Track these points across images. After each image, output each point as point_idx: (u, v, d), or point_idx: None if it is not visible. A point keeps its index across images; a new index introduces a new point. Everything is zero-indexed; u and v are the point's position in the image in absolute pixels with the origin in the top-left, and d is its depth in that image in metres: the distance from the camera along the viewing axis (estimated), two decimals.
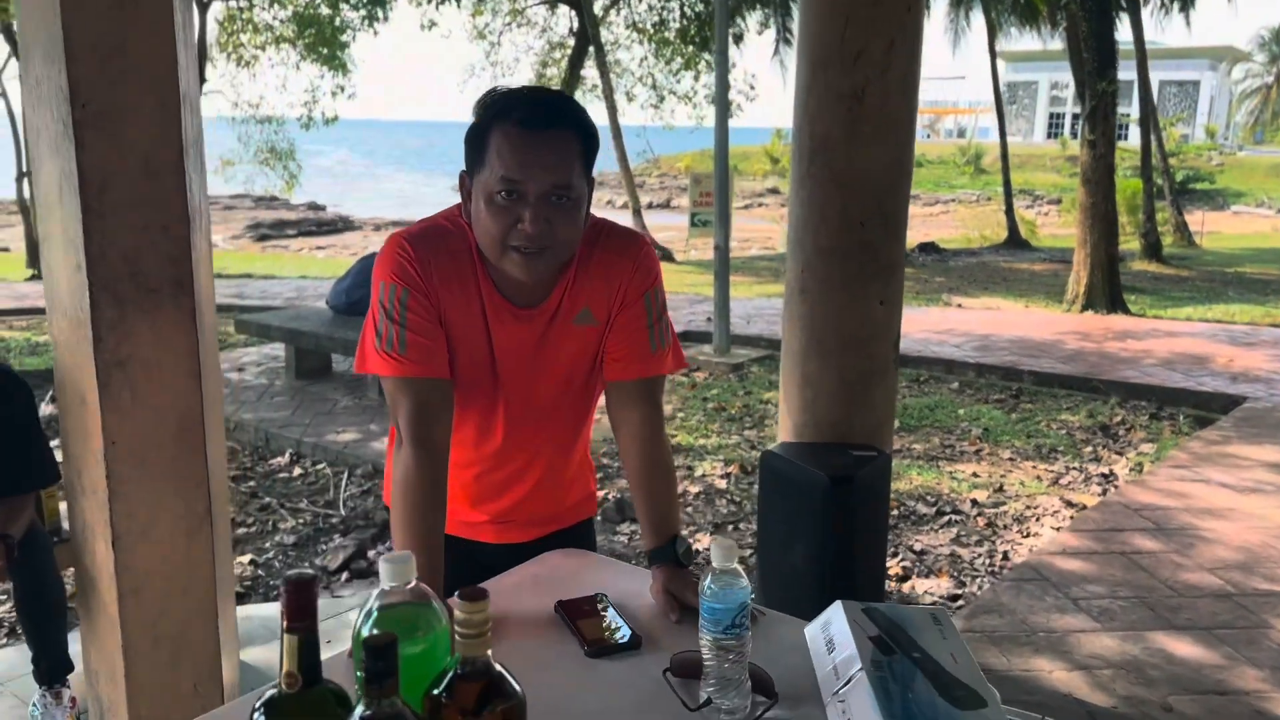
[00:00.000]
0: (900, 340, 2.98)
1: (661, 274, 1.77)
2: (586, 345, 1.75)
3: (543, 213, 1.52)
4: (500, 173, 1.52)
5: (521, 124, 1.51)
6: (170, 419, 2.21)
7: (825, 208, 2.85)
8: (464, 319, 1.67)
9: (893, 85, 2.79)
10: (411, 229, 1.67)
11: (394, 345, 1.61)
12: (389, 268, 1.63)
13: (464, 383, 1.73)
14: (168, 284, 2.16)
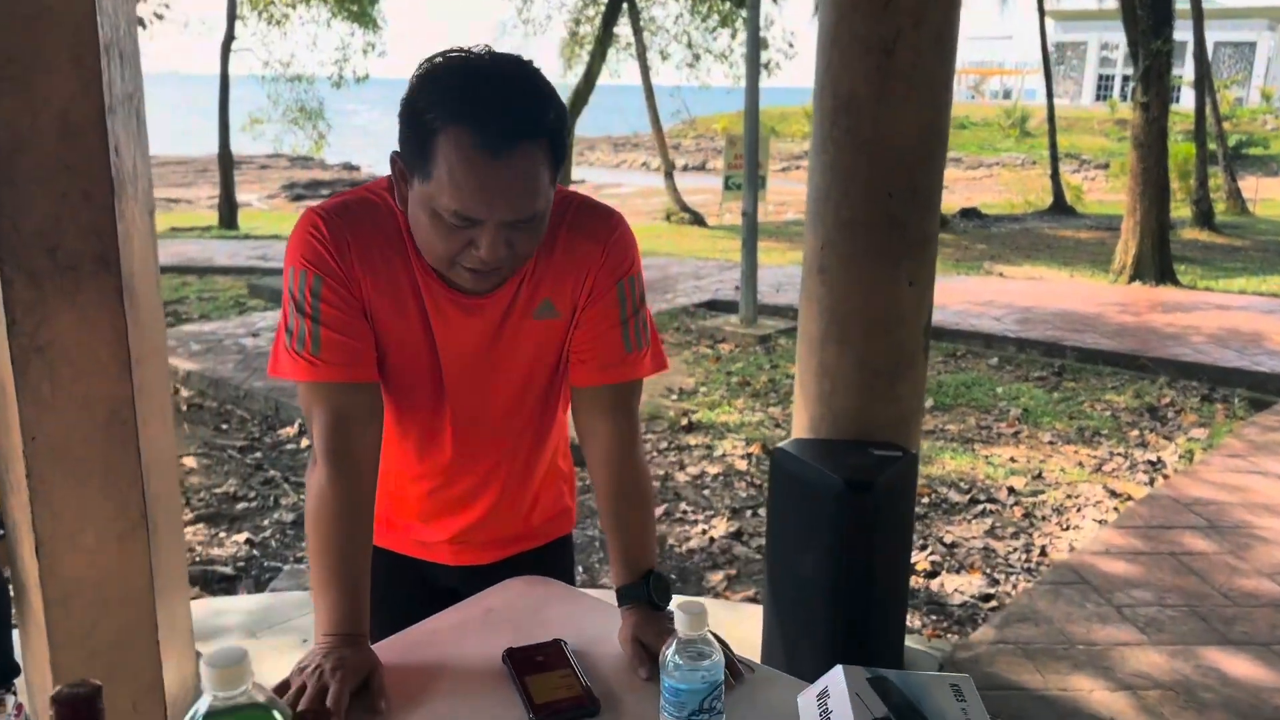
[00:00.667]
0: (931, 326, 2.67)
1: (639, 259, 1.49)
2: (549, 343, 1.48)
3: (502, 238, 1.25)
4: (453, 205, 1.23)
5: (480, 146, 1.20)
6: (98, 411, 1.97)
7: (849, 176, 2.54)
8: (396, 311, 1.39)
9: (927, 38, 2.46)
10: (327, 203, 1.38)
11: (305, 344, 1.35)
12: (298, 250, 1.35)
13: (401, 386, 1.46)
14: (89, 260, 1.90)
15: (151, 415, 2.12)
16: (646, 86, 16.95)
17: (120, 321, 1.94)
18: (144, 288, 2.09)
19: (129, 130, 2.02)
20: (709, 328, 8.33)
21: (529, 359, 1.47)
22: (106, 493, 2.00)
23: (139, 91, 2.12)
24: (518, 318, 1.43)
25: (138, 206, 2.07)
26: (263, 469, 5.32)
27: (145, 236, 2.12)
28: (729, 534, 4.40)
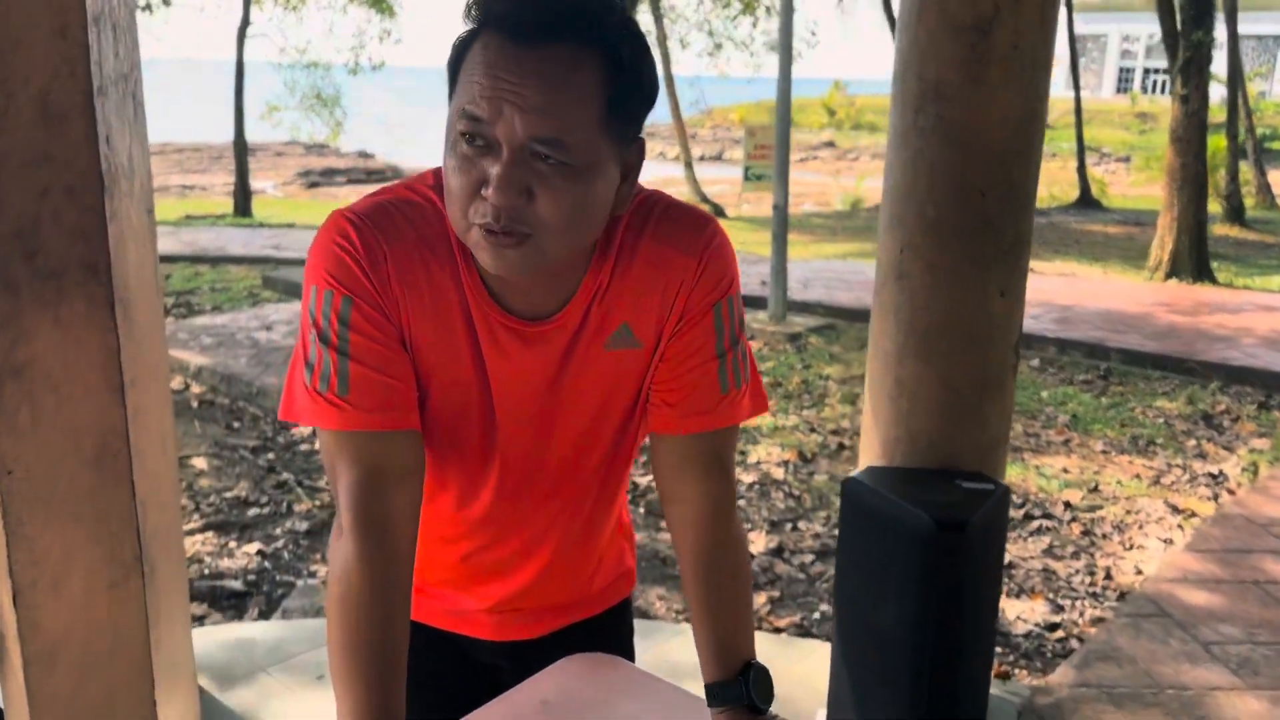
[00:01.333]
0: (1021, 340, 2.38)
1: (738, 274, 1.21)
2: (625, 379, 1.20)
3: (517, 176, 0.97)
4: (461, 101, 0.98)
5: (504, 28, 0.97)
6: (85, 442, 1.70)
7: (936, 172, 2.25)
8: (441, 340, 1.12)
9: (1028, 15, 2.18)
10: (358, 204, 1.11)
11: (330, 383, 1.07)
12: (322, 263, 1.08)
13: (442, 431, 1.19)
14: (75, 266, 1.63)
15: (149, 444, 1.85)
16: (667, 75, 16.62)
17: (111, 338, 1.67)
18: (141, 298, 1.82)
19: (123, 116, 1.75)
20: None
21: (599, 398, 1.20)
22: (95, 535, 1.74)
23: (136, 71, 1.84)
24: (587, 347, 1.16)
25: (134, 204, 1.80)
26: (275, 471, 5.07)
27: (143, 239, 1.85)
28: (769, 550, 4.12)
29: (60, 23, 1.55)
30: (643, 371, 1.19)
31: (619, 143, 1.03)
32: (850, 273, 10.38)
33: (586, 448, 1.23)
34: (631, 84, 1.02)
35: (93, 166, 1.61)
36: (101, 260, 1.64)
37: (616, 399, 1.21)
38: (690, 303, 1.16)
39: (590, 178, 1.01)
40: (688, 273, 1.15)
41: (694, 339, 1.17)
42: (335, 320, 1.07)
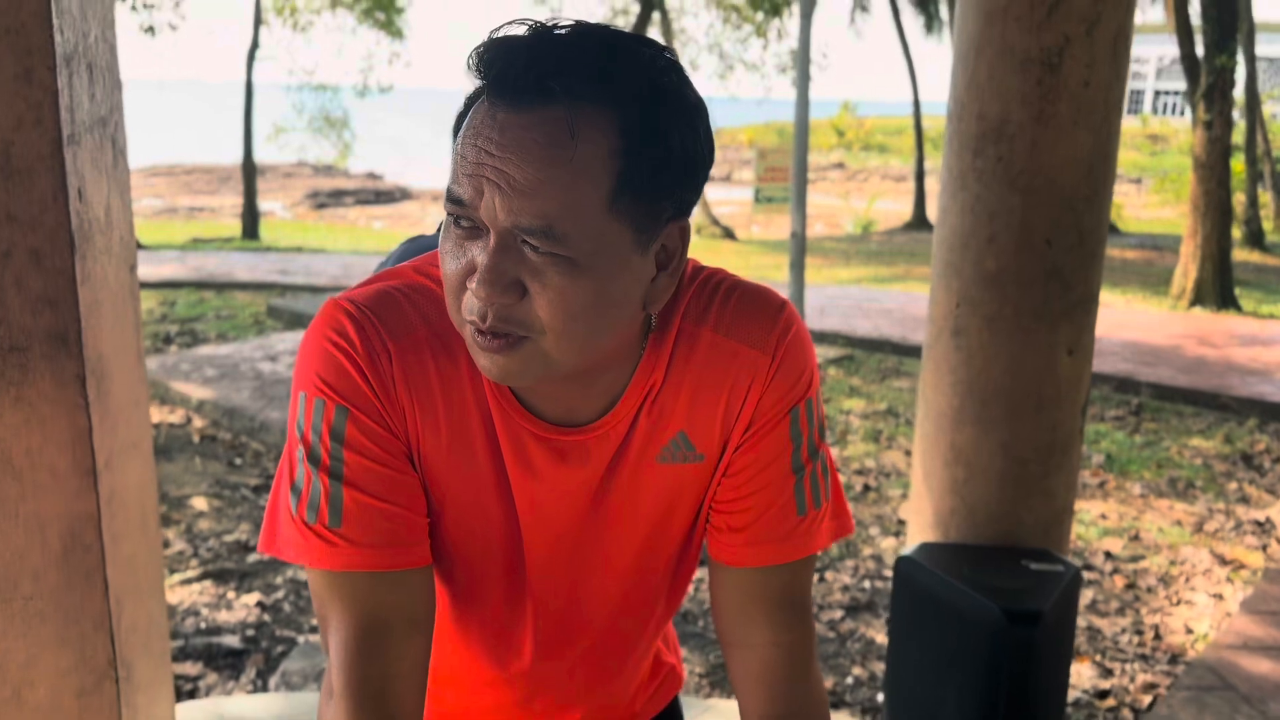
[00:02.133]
0: (1089, 402, 2.17)
1: (817, 368, 1.00)
2: (682, 498, 0.99)
3: (503, 268, 0.78)
4: (449, 181, 0.82)
5: (496, 91, 0.79)
6: (51, 535, 1.50)
7: (996, 218, 2.05)
8: (456, 453, 0.92)
9: (1101, 47, 1.98)
10: (358, 291, 0.92)
11: (321, 513, 0.88)
12: (313, 365, 0.89)
13: (460, 566, 0.99)
14: (41, 339, 1.43)
15: (128, 530, 1.65)
16: None
17: (81, 418, 1.47)
18: (118, 368, 1.62)
19: (100, 165, 1.56)
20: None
21: (650, 523, 0.99)
22: (63, 637, 1.53)
23: (117, 114, 1.65)
24: (636, 461, 0.95)
25: (111, 262, 1.60)
26: None
27: (122, 300, 1.66)
28: None
29: (25, 66, 1.35)
30: (703, 490, 0.99)
31: (642, 227, 0.82)
32: (866, 299, 10.18)
33: (635, 580, 1.03)
34: (657, 153, 0.80)
35: (62, 225, 1.41)
36: (71, 330, 1.45)
37: (671, 523, 1.00)
38: (762, 407, 0.95)
39: (598, 271, 0.80)
40: (759, 371, 0.94)
41: (767, 451, 0.96)
42: (328, 436, 0.87)
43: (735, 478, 0.97)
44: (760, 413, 0.95)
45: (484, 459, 0.92)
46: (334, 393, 0.87)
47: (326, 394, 0.87)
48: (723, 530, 0.99)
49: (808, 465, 0.97)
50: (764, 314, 0.95)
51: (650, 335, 0.93)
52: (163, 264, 11.71)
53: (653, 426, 0.94)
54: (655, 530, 0.99)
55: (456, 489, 0.93)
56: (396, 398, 0.89)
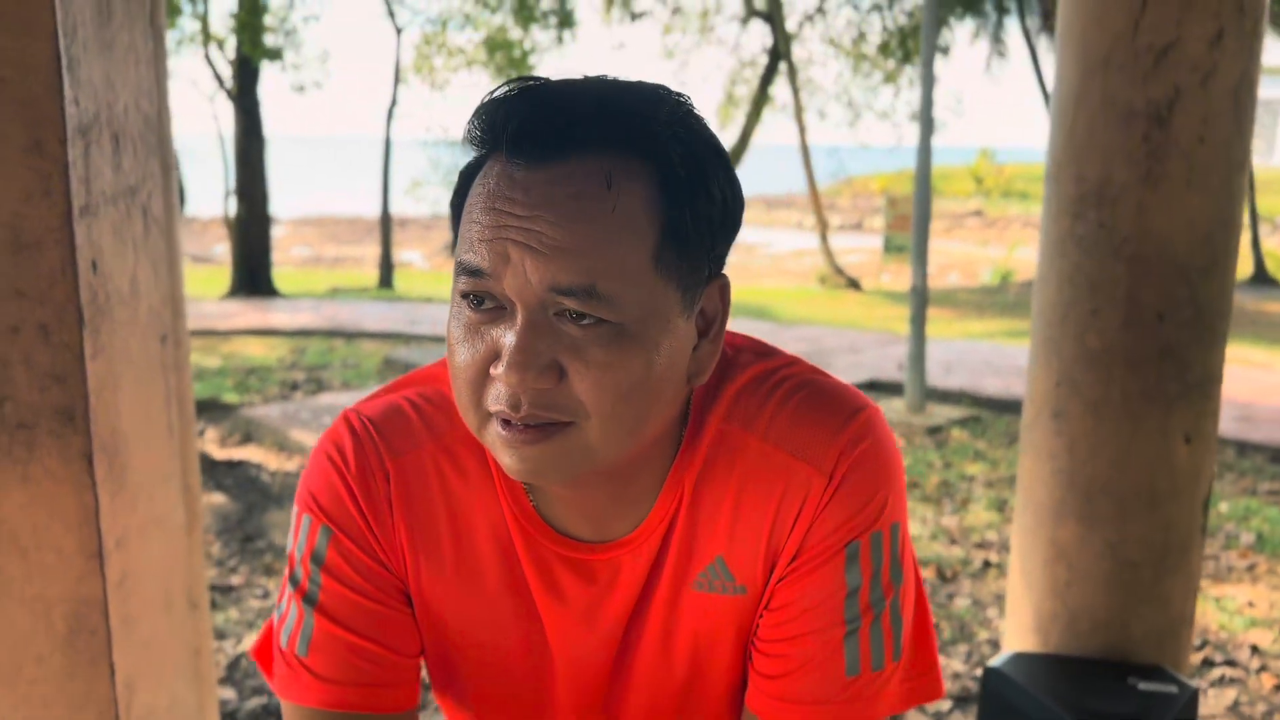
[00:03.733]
0: (1211, 498, 1.91)
1: (902, 493, 0.81)
2: (722, 635, 0.85)
3: (539, 347, 0.68)
4: (460, 253, 0.74)
5: (514, 148, 0.69)
6: (56, 619, 1.45)
7: (1099, 289, 1.83)
8: (466, 585, 0.83)
9: (1219, 99, 1.76)
10: (370, 402, 0.86)
11: (292, 639, 0.81)
12: (308, 482, 0.84)
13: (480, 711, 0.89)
14: (48, 415, 1.39)
15: (145, 611, 1.59)
16: (803, 146, 16.33)
17: (88, 496, 1.43)
18: (141, 442, 1.58)
19: (125, 236, 1.52)
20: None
21: (691, 658, 0.85)
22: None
23: (151, 181, 1.62)
24: (671, 585, 0.82)
25: (135, 334, 1.56)
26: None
27: (148, 372, 1.61)
28: None
29: (34, 138, 1.33)
30: (750, 627, 0.84)
31: (686, 286, 0.72)
32: (998, 356, 9.72)
33: None
34: (699, 203, 0.71)
35: (70, 299, 1.38)
36: (79, 406, 1.40)
37: (716, 660, 0.86)
38: (813, 536, 0.79)
39: (647, 340, 0.70)
40: (812, 492, 0.79)
41: (813, 590, 0.80)
42: (308, 557, 0.81)
43: (775, 614, 0.82)
44: (810, 543, 0.79)
45: (500, 589, 0.83)
46: (321, 511, 0.81)
47: (314, 511, 0.82)
48: (758, 674, 0.84)
49: (867, 615, 0.80)
50: (829, 422, 0.79)
51: (685, 431, 0.81)
52: (299, 312, 12.17)
53: (687, 546, 0.82)
54: (695, 669, 0.86)
55: (468, 624, 0.84)
56: (390, 525, 0.82)
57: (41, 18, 1.30)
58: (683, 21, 17.20)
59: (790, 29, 16.32)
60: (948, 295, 15.28)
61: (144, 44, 1.60)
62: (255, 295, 13.72)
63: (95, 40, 1.43)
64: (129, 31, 1.54)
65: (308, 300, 13.69)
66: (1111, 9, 1.77)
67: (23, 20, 1.30)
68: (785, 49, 15.87)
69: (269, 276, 14.19)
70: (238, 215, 14.20)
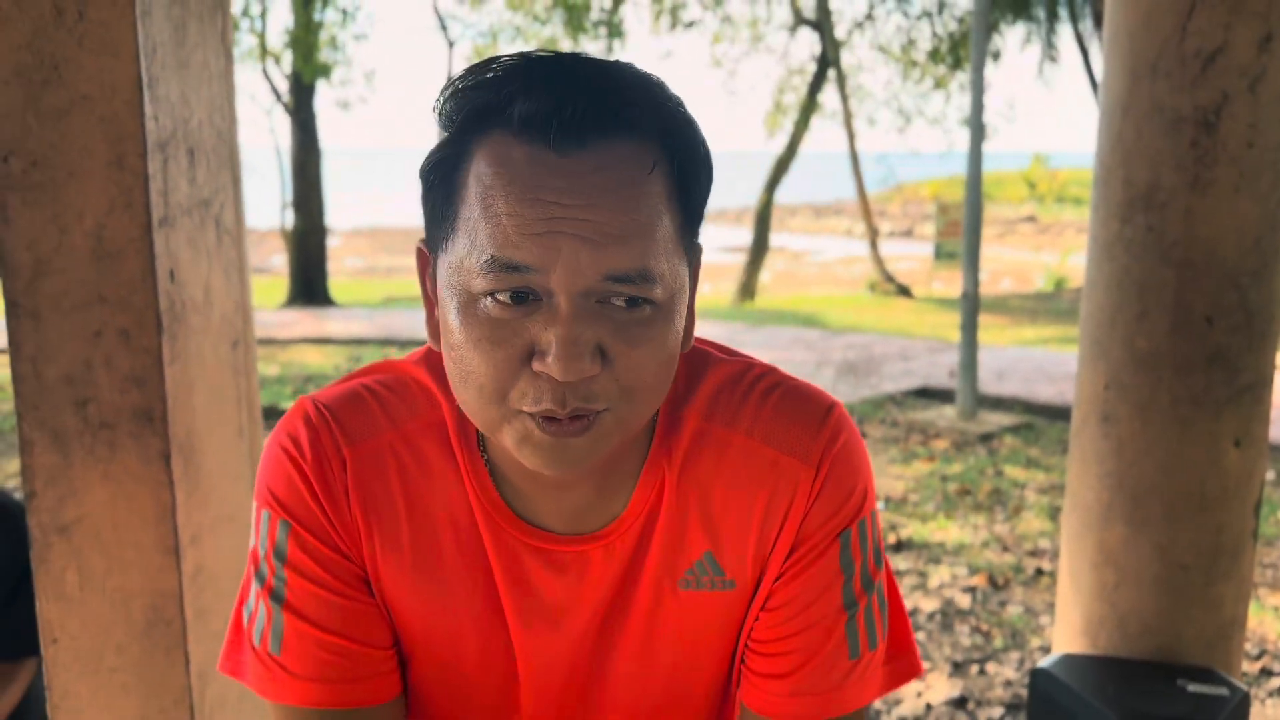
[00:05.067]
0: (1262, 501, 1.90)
1: (873, 482, 0.86)
2: (710, 635, 0.87)
3: (589, 334, 0.68)
4: (486, 248, 0.68)
5: (534, 132, 0.67)
6: (135, 610, 1.52)
7: (1148, 293, 1.84)
8: (424, 576, 0.83)
9: (1268, 104, 1.76)
10: (328, 391, 0.84)
11: (264, 638, 0.81)
12: (265, 475, 0.83)
13: (437, 708, 0.90)
14: (128, 416, 1.47)
15: (217, 604, 1.66)
16: (852, 153, 16.27)
17: (165, 494, 1.50)
18: (213, 443, 1.65)
19: (199, 246, 1.60)
20: (920, 421, 7.49)
21: (672, 661, 0.87)
22: (145, 711, 1.55)
23: (224, 193, 1.70)
24: (652, 584, 0.84)
25: (208, 340, 1.64)
26: None
27: (220, 376, 1.69)
28: (951, 700, 3.62)
29: (117, 152, 1.40)
30: (737, 625, 0.87)
31: (692, 259, 0.76)
32: (1052, 363, 9.61)
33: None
34: (702, 179, 0.74)
35: (150, 305, 1.45)
36: (157, 408, 1.48)
37: (698, 662, 0.88)
38: (806, 529, 0.83)
39: (675, 313, 0.73)
40: (801, 485, 0.82)
41: (813, 582, 0.83)
42: (271, 553, 0.81)
43: (776, 613, 0.84)
44: (805, 536, 0.83)
45: (460, 581, 0.83)
46: (279, 505, 0.81)
47: (272, 506, 0.81)
48: (761, 675, 0.86)
49: (862, 599, 0.84)
50: (810, 417, 0.83)
51: (657, 424, 0.83)
52: (352, 321, 12.37)
53: (673, 544, 0.83)
54: (680, 670, 0.88)
55: (427, 618, 0.84)
56: (349, 514, 0.81)
57: (125, 39, 1.38)
58: (732, 30, 17.23)
59: (839, 36, 16.28)
60: (1000, 302, 15.11)
61: (216, 62, 1.68)
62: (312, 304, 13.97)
63: (173, 59, 1.50)
64: (203, 50, 1.62)
65: (362, 309, 13.92)
66: (1159, 13, 1.78)
67: (107, 42, 1.38)
68: (834, 56, 15.83)
69: (325, 286, 14.44)
70: (295, 227, 14.46)
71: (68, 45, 1.38)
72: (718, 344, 0.89)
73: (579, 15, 15.97)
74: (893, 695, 3.65)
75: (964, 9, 15.64)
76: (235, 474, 1.77)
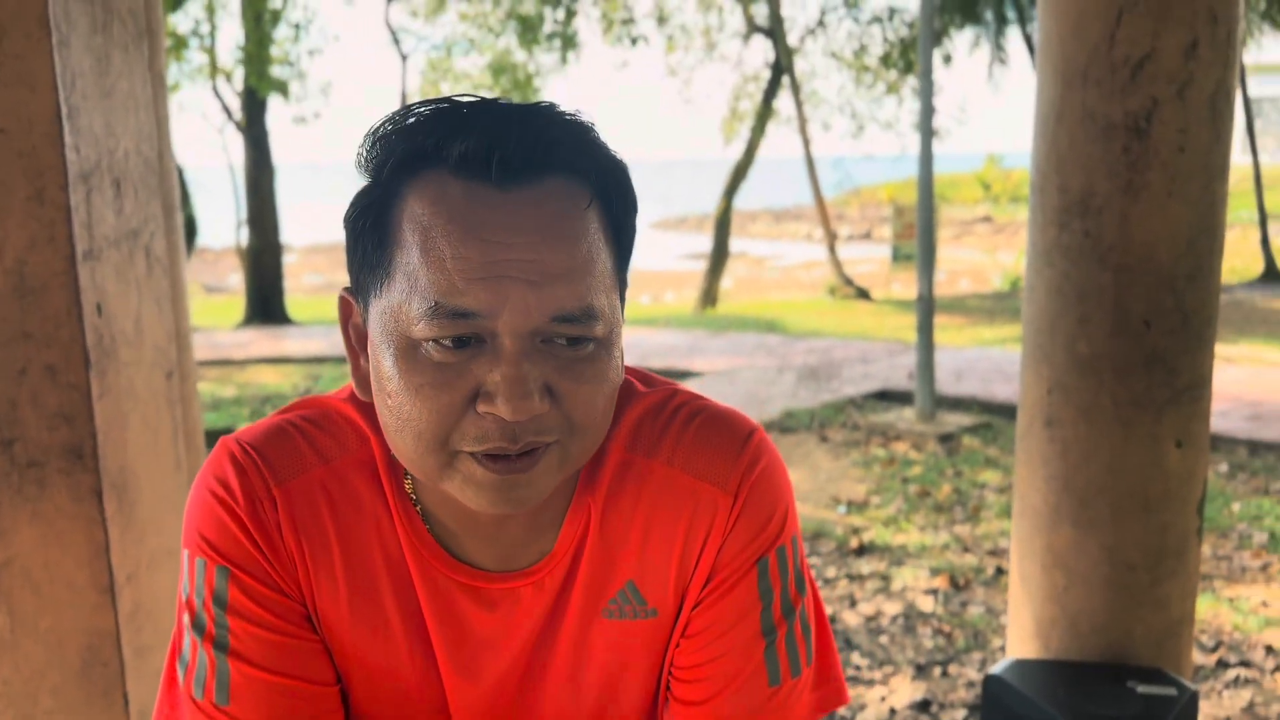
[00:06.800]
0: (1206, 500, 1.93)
1: (794, 507, 0.87)
2: (635, 661, 0.87)
3: (535, 374, 0.68)
4: (429, 295, 0.68)
5: (472, 171, 0.68)
6: (70, 651, 1.49)
7: (1087, 298, 1.86)
8: (361, 610, 0.82)
9: (1196, 109, 1.79)
10: (252, 429, 0.83)
11: (207, 689, 0.79)
12: (194, 521, 0.81)
13: None
14: (57, 454, 1.43)
15: (157, 641, 1.63)
16: (808, 158, 16.39)
17: (98, 531, 1.47)
18: (151, 477, 1.62)
19: (128, 277, 1.57)
20: (880, 423, 7.54)
21: (599, 690, 0.87)
22: None
23: (153, 223, 1.67)
24: (578, 615, 0.84)
25: (140, 373, 1.60)
26: None
27: (155, 409, 1.66)
28: (914, 703, 3.63)
29: (36, 186, 1.37)
30: (660, 651, 0.87)
31: (623, 291, 0.77)
32: (1009, 362, 9.71)
33: None
34: (630, 214, 0.76)
35: (76, 340, 1.42)
36: (87, 444, 1.44)
37: (625, 690, 0.88)
38: (724, 556, 0.83)
39: (614, 347, 0.74)
40: (719, 512, 0.83)
41: (730, 609, 0.84)
42: (210, 601, 0.79)
43: (695, 639, 0.85)
44: (722, 563, 0.83)
45: (394, 615, 0.83)
46: (214, 551, 0.79)
47: (206, 553, 0.80)
48: (682, 702, 0.86)
49: (781, 626, 0.84)
50: (728, 445, 0.83)
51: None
52: (311, 339, 12.25)
53: (597, 575, 0.84)
54: (607, 699, 0.87)
55: (364, 652, 0.84)
56: (285, 551, 0.80)
57: (41, 71, 1.35)
58: (686, 39, 17.30)
59: (792, 43, 16.39)
60: (958, 302, 15.26)
61: (143, 90, 1.65)
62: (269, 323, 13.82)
63: (94, 89, 1.48)
64: (128, 79, 1.59)
65: (320, 327, 13.78)
66: (1088, 22, 1.80)
67: (22, 74, 1.35)
68: (788, 63, 15.94)
69: (282, 304, 14.30)
70: (249, 245, 14.32)
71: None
72: (642, 372, 0.89)
73: (532, 27, 15.96)
74: (856, 700, 3.66)
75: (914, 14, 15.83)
76: (173, 506, 1.74)
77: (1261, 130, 48.66)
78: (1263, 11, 16.12)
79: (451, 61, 17.74)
